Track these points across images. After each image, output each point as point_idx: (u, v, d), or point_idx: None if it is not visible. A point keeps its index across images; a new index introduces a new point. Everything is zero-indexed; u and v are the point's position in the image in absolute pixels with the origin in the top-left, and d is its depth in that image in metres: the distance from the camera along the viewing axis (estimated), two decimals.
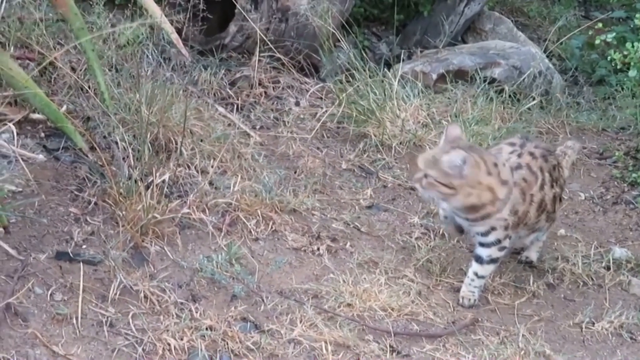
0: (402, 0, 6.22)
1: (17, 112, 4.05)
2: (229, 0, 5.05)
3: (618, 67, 5.08)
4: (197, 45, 5.13)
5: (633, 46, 4.84)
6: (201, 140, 4.25)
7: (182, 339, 3.31)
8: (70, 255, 3.52)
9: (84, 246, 3.60)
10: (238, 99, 4.93)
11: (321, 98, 5.15)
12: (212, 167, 4.15)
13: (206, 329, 3.37)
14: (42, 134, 4.09)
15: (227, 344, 3.35)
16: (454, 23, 6.21)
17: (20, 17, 4.55)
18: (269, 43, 5.03)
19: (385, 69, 5.36)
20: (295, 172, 4.47)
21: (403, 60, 5.77)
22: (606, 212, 4.76)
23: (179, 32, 4.82)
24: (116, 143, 4.00)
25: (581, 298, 4.06)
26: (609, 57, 5.03)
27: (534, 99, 5.47)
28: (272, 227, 3.99)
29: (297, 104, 5.06)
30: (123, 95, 4.25)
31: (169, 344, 3.28)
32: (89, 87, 4.20)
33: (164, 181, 3.88)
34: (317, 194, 4.32)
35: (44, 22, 4.47)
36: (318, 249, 3.96)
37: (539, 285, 4.05)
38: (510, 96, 5.40)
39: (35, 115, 4.10)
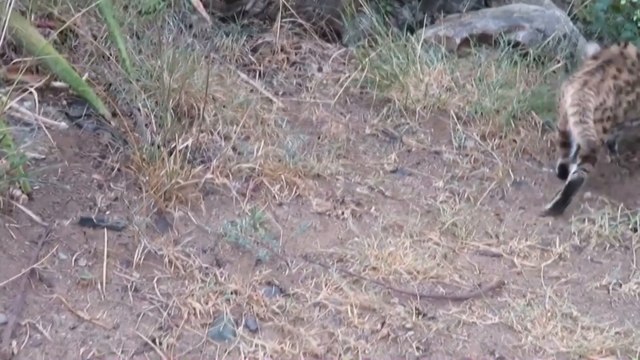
0: None
1: (38, 80, 4.03)
2: None
3: None
4: (218, 12, 5.09)
5: None
6: (224, 106, 4.23)
7: (207, 303, 3.31)
8: (94, 221, 3.52)
9: (107, 212, 3.59)
10: (260, 65, 4.89)
11: (344, 63, 5.11)
12: (234, 132, 4.13)
13: (231, 293, 3.37)
14: (64, 102, 4.09)
15: (252, 308, 3.34)
16: None
17: None
18: (291, 9, 4.99)
19: (409, 34, 5.31)
20: (318, 138, 4.44)
21: (426, 25, 5.70)
22: (632, 174, 4.70)
23: None
24: (138, 109, 3.98)
25: (608, 260, 4.03)
26: (634, 18, 4.96)
27: (558, 62, 5.39)
28: (295, 192, 3.98)
29: (320, 69, 5.02)
30: (144, 62, 4.23)
31: (194, 309, 3.28)
32: (110, 55, 4.19)
33: (186, 147, 3.87)
34: (340, 159, 4.30)
35: None
36: (342, 213, 3.94)
37: (566, 248, 4.01)
38: (534, 59, 5.32)
39: (57, 83, 4.09)
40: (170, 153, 3.75)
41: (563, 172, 4.45)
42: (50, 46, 3.93)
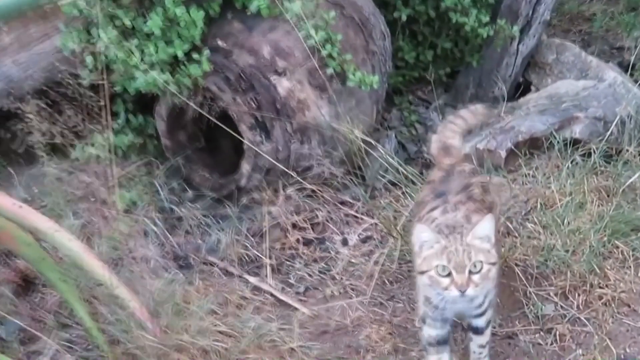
0: (444, 51, 5.22)
1: None
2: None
3: None
4: (210, 192, 4.19)
5: None
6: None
7: None
8: None
9: None
10: (271, 257, 3.97)
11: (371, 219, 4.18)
12: None
13: None
14: None
15: None
16: (509, 65, 5.18)
17: None
18: (294, 175, 4.06)
19: None
20: (359, 354, 3.50)
21: None
22: None
23: (188, 177, 3.95)
24: None
25: None
26: None
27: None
28: None
29: (345, 242, 4.07)
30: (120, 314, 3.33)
31: None
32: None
33: None
34: None
35: None
36: None
37: None
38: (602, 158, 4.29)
39: None
40: None
41: None
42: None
